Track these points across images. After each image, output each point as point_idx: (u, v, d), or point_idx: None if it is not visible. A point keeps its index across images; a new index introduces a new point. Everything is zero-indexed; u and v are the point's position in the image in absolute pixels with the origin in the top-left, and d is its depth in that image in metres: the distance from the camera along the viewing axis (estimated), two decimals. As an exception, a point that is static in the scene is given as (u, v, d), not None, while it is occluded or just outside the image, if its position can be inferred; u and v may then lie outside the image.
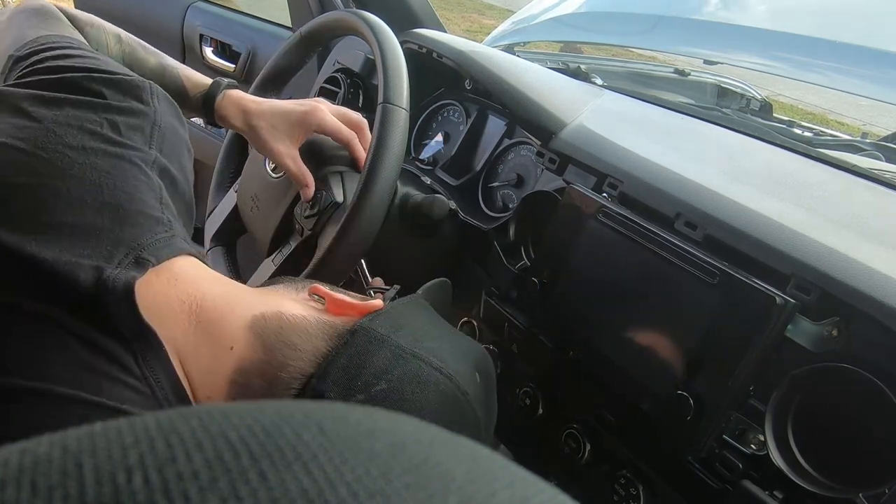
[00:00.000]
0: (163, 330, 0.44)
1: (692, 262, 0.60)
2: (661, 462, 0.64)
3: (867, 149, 1.11)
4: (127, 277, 0.43)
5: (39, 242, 0.41)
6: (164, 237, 0.47)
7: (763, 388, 0.56)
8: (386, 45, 0.74)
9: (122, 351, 0.42)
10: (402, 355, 0.49)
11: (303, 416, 0.17)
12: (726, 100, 1.44)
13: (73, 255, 0.42)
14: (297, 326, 0.49)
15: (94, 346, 0.41)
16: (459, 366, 0.52)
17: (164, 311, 0.45)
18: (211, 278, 0.50)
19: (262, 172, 0.86)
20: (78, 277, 0.41)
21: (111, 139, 0.48)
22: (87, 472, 0.14)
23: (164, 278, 0.46)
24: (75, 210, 0.44)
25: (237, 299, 0.50)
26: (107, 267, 0.42)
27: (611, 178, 0.72)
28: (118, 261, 0.43)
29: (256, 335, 0.48)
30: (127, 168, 0.47)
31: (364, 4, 1.16)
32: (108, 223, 0.44)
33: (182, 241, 0.49)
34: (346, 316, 0.52)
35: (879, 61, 1.13)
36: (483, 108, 1.00)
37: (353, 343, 0.48)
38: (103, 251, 0.43)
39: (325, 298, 0.53)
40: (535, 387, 0.77)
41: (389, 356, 0.49)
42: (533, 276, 0.76)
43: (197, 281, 0.48)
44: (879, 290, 0.52)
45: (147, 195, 0.48)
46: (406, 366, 0.49)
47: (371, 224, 0.69)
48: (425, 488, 0.15)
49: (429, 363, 0.50)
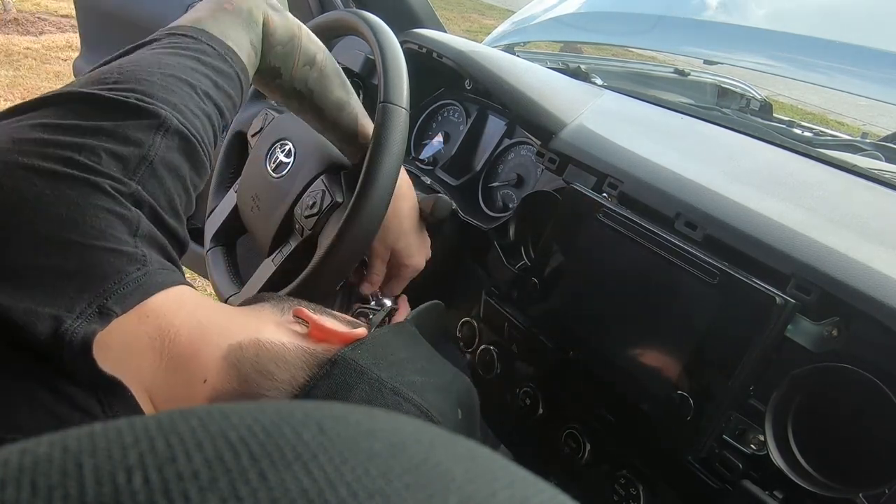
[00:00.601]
0: (130, 372, 0.42)
1: (692, 262, 0.60)
2: (661, 462, 0.64)
3: (867, 149, 1.11)
4: (87, 331, 0.40)
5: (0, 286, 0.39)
6: (136, 276, 0.44)
7: (763, 388, 0.56)
8: (386, 45, 0.74)
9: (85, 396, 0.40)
10: (381, 390, 0.48)
11: (303, 416, 0.16)
12: (726, 100, 1.44)
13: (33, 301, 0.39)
14: (274, 354, 0.48)
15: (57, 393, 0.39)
16: (440, 402, 0.51)
17: (132, 351, 0.43)
18: (187, 308, 0.47)
19: (262, 172, 0.85)
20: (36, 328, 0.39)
21: (86, 166, 0.44)
22: (87, 471, 0.14)
23: (133, 318, 0.43)
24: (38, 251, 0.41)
25: (213, 328, 0.47)
26: (66, 318, 0.40)
27: (611, 178, 0.72)
28: (80, 311, 0.40)
29: (231, 365, 0.46)
30: (99, 199, 0.44)
31: (364, 4, 1.16)
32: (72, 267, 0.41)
33: (159, 273, 0.46)
34: (327, 343, 0.50)
35: (879, 61, 1.13)
36: (483, 108, 1.00)
37: (333, 374, 0.47)
38: (65, 299, 0.40)
39: (308, 323, 0.51)
40: (535, 387, 0.77)
41: (368, 390, 0.48)
42: (533, 276, 0.76)
43: (171, 315, 0.45)
44: (879, 290, 0.52)
45: (118, 229, 0.44)
46: (384, 401, 0.48)
47: (371, 224, 0.69)
48: (425, 488, 0.15)
49: (409, 399, 0.49)
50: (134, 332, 0.43)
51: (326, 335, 0.51)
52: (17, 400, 0.38)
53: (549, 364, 0.75)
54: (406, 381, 0.50)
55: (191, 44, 0.56)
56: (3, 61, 3.83)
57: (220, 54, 0.57)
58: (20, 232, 0.41)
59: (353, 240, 0.69)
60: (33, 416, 0.38)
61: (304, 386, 0.47)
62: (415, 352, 0.56)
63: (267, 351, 0.48)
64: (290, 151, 0.83)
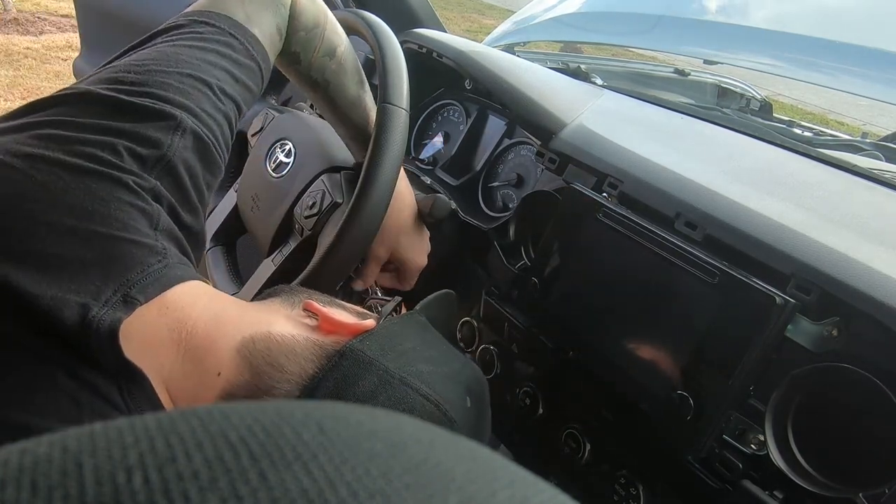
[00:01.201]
0: (149, 362, 0.43)
1: (692, 261, 0.60)
2: (661, 462, 0.64)
3: (867, 149, 1.11)
4: (113, 318, 0.41)
5: (26, 273, 0.40)
6: (157, 268, 0.45)
7: (763, 388, 0.56)
8: (386, 45, 0.74)
9: (107, 384, 0.41)
10: (389, 380, 0.49)
11: (303, 416, 0.16)
12: (726, 100, 1.44)
13: (60, 289, 0.40)
14: (285, 347, 0.49)
15: (78, 379, 0.40)
16: (449, 392, 0.52)
17: (152, 342, 0.44)
18: (203, 302, 0.48)
19: (262, 172, 0.86)
20: (63, 314, 0.40)
21: (110, 162, 0.46)
22: (87, 471, 0.14)
23: (154, 309, 0.44)
24: (64, 241, 0.42)
25: (227, 322, 0.49)
26: (93, 305, 0.41)
27: (611, 177, 0.72)
28: (105, 299, 0.42)
29: (244, 358, 0.47)
30: (122, 193, 0.45)
31: (364, 4, 1.16)
32: (97, 256, 0.42)
33: (178, 267, 0.47)
34: (336, 335, 0.51)
35: (879, 61, 1.13)
36: (483, 108, 1.00)
37: (341, 366, 0.48)
38: (91, 287, 0.41)
39: (318, 315, 0.52)
40: (535, 387, 0.77)
41: (376, 381, 0.48)
42: (533, 276, 0.76)
43: (189, 308, 0.47)
44: (879, 290, 0.52)
45: (140, 222, 0.46)
46: (392, 392, 0.48)
47: (371, 224, 0.69)
48: (425, 488, 0.15)
49: (416, 389, 0.50)
50: (154, 324, 0.45)
51: (336, 327, 0.52)
52: (40, 385, 0.39)
53: (549, 364, 0.75)
54: (414, 370, 0.51)
55: (213, 34, 0.56)
56: (3, 61, 3.83)
57: (243, 44, 0.57)
58: (47, 223, 0.42)
59: (353, 240, 0.69)
60: (55, 400, 0.39)
61: (314, 377, 0.48)
62: (423, 341, 0.56)
63: (278, 344, 0.49)
64: (290, 151, 0.83)
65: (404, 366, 0.51)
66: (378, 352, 0.50)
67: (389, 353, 0.51)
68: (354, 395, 0.47)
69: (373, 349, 0.50)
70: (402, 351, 0.52)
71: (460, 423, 0.52)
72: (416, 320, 0.59)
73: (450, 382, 0.53)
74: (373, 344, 0.51)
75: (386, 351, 0.51)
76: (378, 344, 0.51)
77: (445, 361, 0.56)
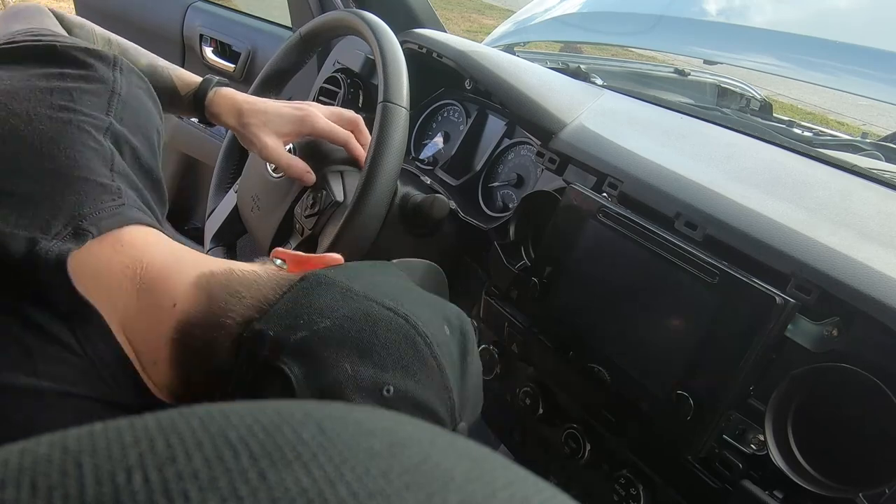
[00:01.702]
0: (102, 298, 0.42)
1: (692, 262, 0.60)
2: (661, 462, 0.64)
3: (867, 149, 1.11)
4: (61, 249, 0.40)
5: None
6: (111, 206, 0.44)
7: (763, 388, 0.56)
8: (386, 45, 0.74)
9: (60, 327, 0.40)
10: (351, 296, 0.44)
11: (302, 416, 0.16)
12: (726, 100, 1.44)
13: (7, 225, 0.40)
14: (245, 280, 0.46)
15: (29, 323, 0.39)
16: (421, 311, 0.46)
17: (105, 277, 0.43)
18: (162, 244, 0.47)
19: (262, 172, 0.86)
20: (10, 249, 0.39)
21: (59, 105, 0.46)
22: (86, 471, 0.14)
23: (107, 244, 0.43)
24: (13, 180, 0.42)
25: (186, 259, 0.47)
26: (42, 238, 0.40)
27: (611, 177, 0.72)
28: (55, 232, 0.41)
29: (201, 288, 0.45)
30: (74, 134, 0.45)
31: (364, 4, 1.16)
32: (47, 191, 0.42)
33: (135, 210, 0.46)
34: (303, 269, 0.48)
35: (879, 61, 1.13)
36: (483, 108, 1.00)
37: (300, 286, 0.45)
38: (40, 221, 0.41)
39: (285, 261, 0.50)
40: (535, 387, 0.77)
41: (337, 296, 0.44)
42: (533, 276, 0.76)
43: (146, 247, 0.45)
44: (879, 290, 0.52)
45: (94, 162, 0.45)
46: (354, 304, 0.44)
47: (371, 223, 0.69)
48: (425, 488, 0.15)
49: (381, 303, 0.44)
50: (108, 260, 0.43)
51: (303, 264, 0.50)
52: None
53: (549, 364, 0.75)
54: (381, 291, 0.46)
55: None
56: (3, 61, 3.82)
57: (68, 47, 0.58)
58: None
59: (353, 239, 0.69)
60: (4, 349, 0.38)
61: (273, 303, 0.44)
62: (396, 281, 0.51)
63: (238, 277, 0.46)
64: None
65: (371, 287, 0.46)
66: (343, 277, 0.46)
67: (356, 280, 0.46)
68: (313, 308, 0.43)
69: (338, 274, 0.46)
70: (372, 281, 0.47)
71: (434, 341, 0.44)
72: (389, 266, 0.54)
73: (425, 306, 0.47)
74: (339, 272, 0.47)
75: (352, 278, 0.46)
76: (344, 273, 0.47)
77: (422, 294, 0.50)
